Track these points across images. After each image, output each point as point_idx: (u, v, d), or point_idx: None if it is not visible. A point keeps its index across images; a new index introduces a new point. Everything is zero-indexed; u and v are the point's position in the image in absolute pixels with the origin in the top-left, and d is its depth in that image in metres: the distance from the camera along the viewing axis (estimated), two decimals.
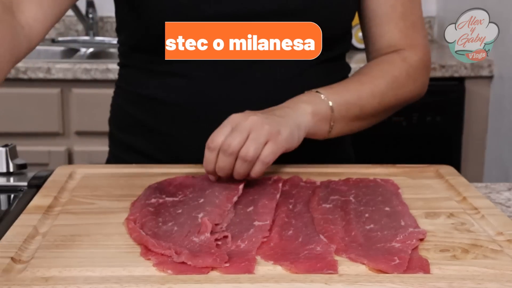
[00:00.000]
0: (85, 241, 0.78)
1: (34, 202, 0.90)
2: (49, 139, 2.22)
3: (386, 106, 1.09)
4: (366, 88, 1.06)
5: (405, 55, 1.10)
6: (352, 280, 0.69)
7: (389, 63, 1.10)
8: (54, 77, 2.15)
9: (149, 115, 1.11)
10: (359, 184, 0.97)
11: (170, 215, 0.85)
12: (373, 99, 1.06)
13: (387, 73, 1.09)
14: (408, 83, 1.10)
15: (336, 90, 1.04)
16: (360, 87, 1.06)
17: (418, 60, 1.12)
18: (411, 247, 0.76)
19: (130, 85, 1.14)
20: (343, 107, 1.02)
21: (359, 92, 1.05)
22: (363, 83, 1.07)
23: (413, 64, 1.11)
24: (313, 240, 0.78)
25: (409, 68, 1.10)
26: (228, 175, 0.93)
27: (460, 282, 0.69)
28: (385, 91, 1.07)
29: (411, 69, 1.10)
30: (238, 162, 0.91)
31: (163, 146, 1.11)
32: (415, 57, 1.11)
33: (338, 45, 1.12)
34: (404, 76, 1.10)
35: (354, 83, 1.07)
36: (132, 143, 1.15)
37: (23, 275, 0.70)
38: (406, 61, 1.10)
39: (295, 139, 0.96)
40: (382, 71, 1.09)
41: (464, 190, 0.96)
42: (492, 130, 2.35)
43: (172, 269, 0.71)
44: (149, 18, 1.05)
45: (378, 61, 1.11)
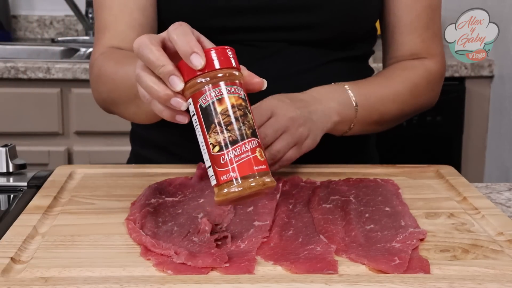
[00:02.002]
0: (85, 241, 0.78)
1: (34, 202, 0.90)
2: (49, 139, 2.22)
3: (404, 113, 1.10)
4: (389, 93, 1.07)
5: (426, 63, 1.11)
6: (352, 280, 0.69)
7: (411, 69, 1.10)
8: (53, 77, 2.15)
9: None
10: (359, 184, 0.97)
11: (170, 215, 0.85)
12: (394, 104, 1.07)
13: (409, 80, 1.09)
14: (427, 92, 1.12)
15: (363, 91, 1.04)
16: (384, 91, 1.06)
17: (437, 70, 1.13)
18: (411, 247, 0.76)
19: None
20: (367, 112, 1.03)
21: (383, 97, 1.06)
22: (387, 87, 1.07)
23: (432, 73, 1.12)
24: (313, 240, 0.78)
25: (429, 76, 1.11)
26: None
27: (460, 282, 0.68)
28: (406, 98, 1.08)
29: (431, 77, 1.12)
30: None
31: (180, 139, 1.11)
32: (434, 67, 1.12)
33: (359, 45, 1.12)
34: (424, 84, 1.11)
35: (379, 86, 1.07)
36: (150, 137, 1.16)
37: (22, 275, 0.70)
38: (427, 69, 1.11)
39: (315, 144, 0.98)
40: (405, 77, 1.09)
41: (465, 190, 0.96)
42: (492, 130, 2.35)
43: (172, 269, 0.70)
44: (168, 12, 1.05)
45: (400, 66, 1.11)
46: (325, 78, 1.05)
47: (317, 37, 1.07)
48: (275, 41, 1.06)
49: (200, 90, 0.72)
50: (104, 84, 1.00)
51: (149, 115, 0.92)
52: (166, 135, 1.13)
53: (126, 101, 0.95)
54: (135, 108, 0.93)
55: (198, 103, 0.72)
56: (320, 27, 1.06)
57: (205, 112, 0.72)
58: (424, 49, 1.12)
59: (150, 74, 0.74)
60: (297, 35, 1.06)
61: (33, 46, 2.57)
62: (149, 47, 0.73)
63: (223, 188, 0.73)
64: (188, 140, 1.11)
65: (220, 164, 0.72)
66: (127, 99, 0.94)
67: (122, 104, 0.97)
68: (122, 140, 2.19)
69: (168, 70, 0.72)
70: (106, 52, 1.02)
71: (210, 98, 0.72)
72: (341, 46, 1.09)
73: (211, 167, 0.73)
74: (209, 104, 0.72)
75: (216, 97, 0.72)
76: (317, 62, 1.08)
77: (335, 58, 1.09)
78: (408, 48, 1.12)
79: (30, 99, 2.18)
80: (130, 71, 0.89)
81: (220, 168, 0.72)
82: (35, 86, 2.17)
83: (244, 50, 0.96)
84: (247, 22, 1.05)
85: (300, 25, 1.06)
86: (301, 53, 1.07)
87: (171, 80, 0.72)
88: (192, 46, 0.72)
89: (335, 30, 1.06)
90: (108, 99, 1.01)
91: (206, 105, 0.72)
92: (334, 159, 1.10)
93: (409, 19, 1.10)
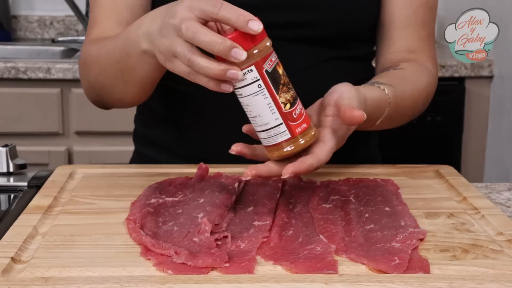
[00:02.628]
0: (85, 241, 0.78)
1: (34, 202, 0.90)
2: (49, 139, 2.22)
3: (414, 113, 1.10)
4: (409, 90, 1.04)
5: (428, 66, 1.11)
6: (352, 280, 0.69)
7: (423, 71, 1.09)
8: (54, 77, 2.15)
9: (169, 107, 1.12)
10: (359, 184, 0.97)
11: (170, 215, 0.85)
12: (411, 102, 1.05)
13: (424, 81, 1.08)
14: (428, 95, 1.11)
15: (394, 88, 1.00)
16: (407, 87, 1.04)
17: (436, 73, 1.13)
18: (411, 247, 0.76)
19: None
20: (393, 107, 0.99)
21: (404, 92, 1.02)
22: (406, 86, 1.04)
23: (435, 77, 1.12)
24: (313, 240, 0.78)
25: (434, 81, 1.11)
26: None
27: (460, 282, 0.68)
28: (420, 98, 1.08)
29: (435, 82, 1.11)
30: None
31: (182, 139, 1.12)
32: (434, 70, 1.12)
33: (358, 45, 1.12)
34: (432, 87, 1.11)
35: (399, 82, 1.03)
36: (153, 136, 1.16)
37: (23, 275, 0.70)
38: (432, 73, 1.11)
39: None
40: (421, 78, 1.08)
41: (464, 190, 0.96)
42: (492, 130, 2.35)
43: (172, 269, 0.71)
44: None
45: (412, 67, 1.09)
46: (324, 77, 1.05)
47: (316, 34, 1.07)
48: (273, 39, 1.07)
49: (263, 56, 0.78)
50: (90, 68, 1.04)
51: (138, 91, 0.98)
52: (169, 135, 1.13)
53: (113, 80, 0.99)
54: (122, 85, 0.98)
55: (263, 69, 0.78)
56: (319, 25, 1.06)
57: (271, 75, 0.79)
58: (420, 47, 1.11)
59: (200, 56, 0.78)
60: (295, 33, 1.06)
61: (33, 46, 2.57)
62: (200, 30, 0.77)
63: (298, 139, 0.81)
64: (190, 139, 1.12)
65: (293, 119, 0.80)
66: (114, 76, 0.98)
67: (109, 85, 1.01)
68: (122, 140, 2.20)
69: (228, 45, 0.76)
70: (90, 41, 1.06)
71: (272, 62, 0.79)
72: (340, 45, 1.09)
73: (282, 123, 0.80)
74: (274, 67, 0.79)
75: (275, 61, 0.80)
76: (315, 61, 1.08)
77: (333, 57, 1.08)
78: (404, 43, 1.11)
79: (30, 99, 2.18)
80: (111, 48, 0.97)
81: (293, 122, 0.81)
82: (35, 86, 2.17)
83: None
84: None
85: (298, 23, 1.06)
86: (299, 51, 1.07)
87: (234, 53, 0.76)
88: (245, 15, 0.77)
89: (334, 28, 1.06)
90: (96, 84, 1.04)
91: (272, 68, 0.79)
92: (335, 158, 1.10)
93: (405, 14, 1.10)
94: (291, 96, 0.80)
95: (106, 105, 1.09)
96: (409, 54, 1.11)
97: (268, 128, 0.81)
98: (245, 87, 0.79)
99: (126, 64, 0.94)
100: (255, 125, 0.82)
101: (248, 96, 0.79)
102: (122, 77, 0.97)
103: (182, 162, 1.10)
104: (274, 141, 0.81)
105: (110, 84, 1.01)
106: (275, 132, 0.81)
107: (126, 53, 0.93)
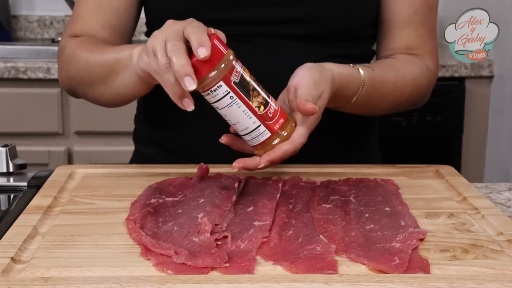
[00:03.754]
0: (85, 241, 0.78)
1: (34, 202, 0.90)
2: (49, 139, 2.22)
3: (399, 102, 1.09)
4: (392, 77, 1.06)
5: (425, 60, 1.12)
6: (352, 280, 0.69)
7: (415, 63, 1.10)
8: (53, 77, 2.15)
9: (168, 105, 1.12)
10: (359, 184, 0.97)
11: (170, 215, 0.85)
12: (394, 89, 1.06)
13: (413, 72, 1.09)
14: (425, 88, 1.12)
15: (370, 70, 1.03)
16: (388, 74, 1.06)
17: (434, 69, 1.14)
18: (411, 247, 0.76)
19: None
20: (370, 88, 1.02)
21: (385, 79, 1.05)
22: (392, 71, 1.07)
23: (431, 72, 1.12)
24: (313, 240, 0.78)
25: (429, 75, 1.12)
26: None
27: (460, 282, 0.68)
28: (406, 87, 1.08)
29: (430, 76, 1.12)
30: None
31: (182, 138, 1.12)
32: (432, 66, 1.13)
33: (357, 44, 1.12)
34: (425, 80, 1.11)
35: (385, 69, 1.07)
36: (153, 136, 1.17)
37: (22, 275, 0.70)
38: (428, 68, 1.12)
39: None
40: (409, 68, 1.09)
41: (464, 190, 0.96)
42: (492, 130, 2.35)
43: (172, 269, 0.71)
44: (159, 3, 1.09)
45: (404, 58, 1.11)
46: None
47: (314, 31, 1.06)
48: (271, 36, 1.06)
49: (229, 70, 0.83)
50: (76, 63, 1.07)
51: (114, 95, 1.03)
52: (169, 134, 1.13)
53: (96, 80, 1.04)
54: (102, 87, 1.03)
55: (231, 81, 0.83)
56: (316, 21, 1.05)
57: (240, 85, 0.84)
58: (420, 44, 1.12)
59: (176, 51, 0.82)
60: (292, 29, 1.06)
61: (33, 46, 2.57)
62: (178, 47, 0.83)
63: (279, 135, 0.87)
64: (190, 139, 1.12)
65: (269, 118, 0.86)
66: (98, 77, 1.03)
67: (90, 83, 1.05)
68: (122, 140, 2.20)
69: (182, 72, 0.81)
70: (80, 38, 1.10)
71: (238, 73, 0.84)
72: (338, 43, 1.09)
73: (260, 125, 0.86)
74: (240, 77, 0.84)
75: (241, 70, 0.85)
76: (312, 59, 1.08)
77: (331, 55, 1.08)
78: (404, 41, 1.12)
79: (30, 99, 2.18)
80: (105, 52, 1.02)
81: (270, 121, 0.86)
82: (35, 86, 2.17)
83: (240, 46, 0.96)
84: (242, 15, 1.05)
85: (297, 19, 1.05)
86: (296, 48, 1.07)
87: (186, 80, 0.81)
88: (197, 41, 0.81)
89: (331, 25, 1.06)
90: (77, 78, 1.08)
91: (239, 78, 0.84)
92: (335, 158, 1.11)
93: (407, 13, 1.11)
94: (263, 98, 0.86)
95: (78, 96, 1.14)
96: (408, 50, 1.12)
97: (249, 131, 0.87)
98: (219, 101, 0.85)
99: (113, 68, 0.99)
100: (237, 130, 0.88)
101: (224, 108, 0.85)
102: (106, 79, 1.02)
103: (181, 160, 1.10)
104: (257, 141, 0.87)
105: (91, 82, 1.05)
106: (256, 134, 0.87)
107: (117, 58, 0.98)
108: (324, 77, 0.92)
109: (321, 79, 0.91)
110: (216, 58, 0.82)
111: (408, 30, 1.11)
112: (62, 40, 1.13)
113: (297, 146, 0.88)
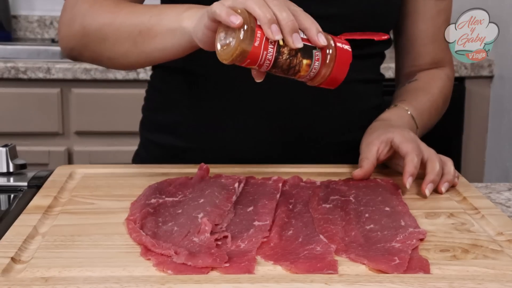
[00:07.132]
0: (85, 241, 0.78)
1: (34, 202, 0.90)
2: (49, 139, 2.22)
3: (439, 115, 1.23)
4: (431, 106, 1.17)
5: (446, 70, 1.19)
6: (352, 280, 0.69)
7: (441, 80, 1.19)
8: (54, 77, 2.15)
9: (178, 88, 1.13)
10: (359, 184, 0.97)
11: (170, 215, 0.85)
12: (435, 116, 1.19)
13: (443, 91, 1.19)
14: (449, 95, 1.22)
15: (419, 111, 1.14)
16: (429, 105, 1.16)
17: (452, 75, 1.21)
18: (411, 247, 0.76)
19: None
20: (421, 130, 1.14)
21: (430, 112, 1.16)
22: (430, 101, 1.16)
23: (451, 78, 1.21)
24: (313, 240, 0.78)
25: (451, 84, 1.21)
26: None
27: (460, 282, 0.68)
28: (440, 108, 1.21)
29: (451, 83, 1.21)
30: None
31: (187, 120, 1.12)
32: (451, 73, 1.21)
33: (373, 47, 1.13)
34: (450, 92, 1.21)
35: (425, 102, 1.16)
36: (160, 120, 1.16)
37: (22, 275, 0.70)
38: (449, 78, 1.20)
39: None
40: (440, 89, 1.19)
41: (464, 190, 0.96)
42: (492, 130, 2.35)
43: (172, 269, 0.71)
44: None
45: (432, 76, 1.18)
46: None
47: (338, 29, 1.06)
48: None
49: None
50: (98, 16, 0.99)
51: (144, 58, 0.95)
52: (174, 117, 1.13)
53: (123, 39, 0.96)
54: (129, 46, 0.95)
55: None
56: (341, 19, 1.05)
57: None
58: (443, 58, 1.19)
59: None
60: None
61: (33, 46, 2.57)
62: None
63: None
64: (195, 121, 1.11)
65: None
66: (126, 36, 0.95)
67: (113, 41, 0.97)
68: (122, 140, 2.20)
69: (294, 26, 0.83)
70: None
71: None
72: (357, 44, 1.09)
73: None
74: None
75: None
76: None
77: None
78: (431, 57, 1.18)
79: (30, 99, 2.18)
80: (138, 11, 0.94)
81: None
82: (35, 86, 2.17)
83: None
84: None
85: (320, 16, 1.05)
86: None
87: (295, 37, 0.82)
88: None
89: (355, 23, 1.06)
90: (97, 33, 0.99)
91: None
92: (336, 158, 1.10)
93: (432, 31, 1.16)
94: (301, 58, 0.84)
95: (81, 58, 1.05)
96: (433, 65, 1.19)
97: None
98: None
99: (151, 29, 0.93)
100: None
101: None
102: (136, 39, 0.94)
103: (190, 144, 1.11)
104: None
105: (117, 39, 0.97)
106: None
107: (158, 19, 0.92)
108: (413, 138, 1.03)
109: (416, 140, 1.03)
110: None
111: (433, 46, 1.17)
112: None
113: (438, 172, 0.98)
